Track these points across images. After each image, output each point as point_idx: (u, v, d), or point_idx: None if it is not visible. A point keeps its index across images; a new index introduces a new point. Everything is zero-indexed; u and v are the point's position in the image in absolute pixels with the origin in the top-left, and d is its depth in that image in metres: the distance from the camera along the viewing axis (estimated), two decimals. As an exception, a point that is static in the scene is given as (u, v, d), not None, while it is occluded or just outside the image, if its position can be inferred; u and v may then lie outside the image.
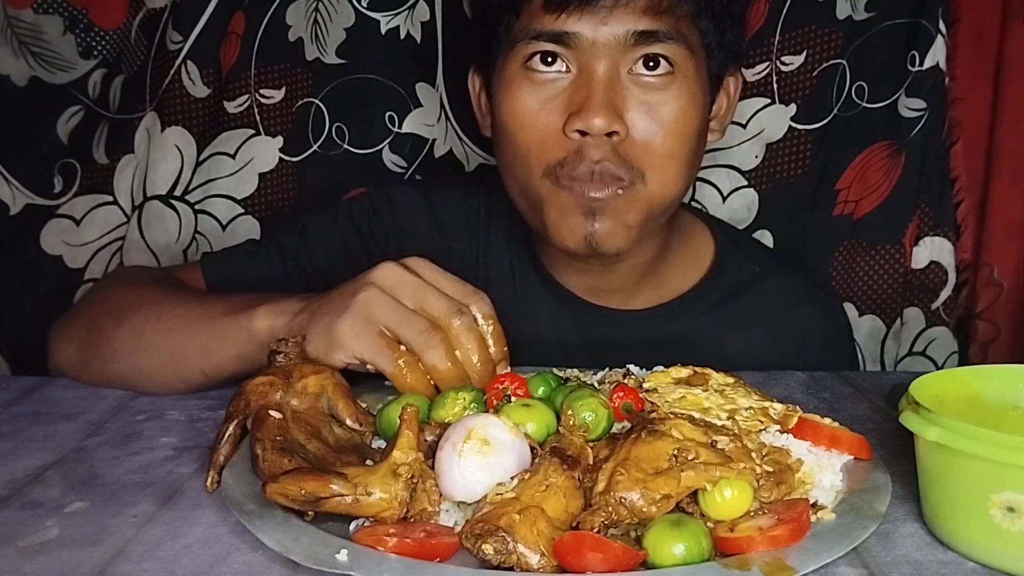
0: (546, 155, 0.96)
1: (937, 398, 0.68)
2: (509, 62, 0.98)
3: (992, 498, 0.60)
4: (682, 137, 0.96)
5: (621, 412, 0.76)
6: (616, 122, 0.92)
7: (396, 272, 0.84)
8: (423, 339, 0.81)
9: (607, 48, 0.93)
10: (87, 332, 1.00)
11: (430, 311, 0.83)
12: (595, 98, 0.92)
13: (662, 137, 0.95)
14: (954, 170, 1.30)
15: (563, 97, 0.95)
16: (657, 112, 0.95)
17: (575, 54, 0.94)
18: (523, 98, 0.96)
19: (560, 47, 0.94)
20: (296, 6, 1.27)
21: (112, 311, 1.00)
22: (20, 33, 1.23)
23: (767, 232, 1.33)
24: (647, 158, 0.95)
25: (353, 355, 0.81)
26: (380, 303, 0.82)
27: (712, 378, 0.79)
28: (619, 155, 0.94)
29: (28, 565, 0.61)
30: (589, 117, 0.92)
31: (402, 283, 0.83)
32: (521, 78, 0.96)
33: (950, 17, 1.26)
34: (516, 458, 0.65)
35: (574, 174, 0.94)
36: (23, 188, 1.26)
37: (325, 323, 0.83)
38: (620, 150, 0.94)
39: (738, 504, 0.62)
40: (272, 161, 1.30)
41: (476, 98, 1.10)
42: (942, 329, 1.34)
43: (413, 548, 0.60)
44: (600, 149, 0.93)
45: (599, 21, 0.92)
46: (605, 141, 0.93)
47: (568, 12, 0.92)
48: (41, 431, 0.85)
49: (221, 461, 0.73)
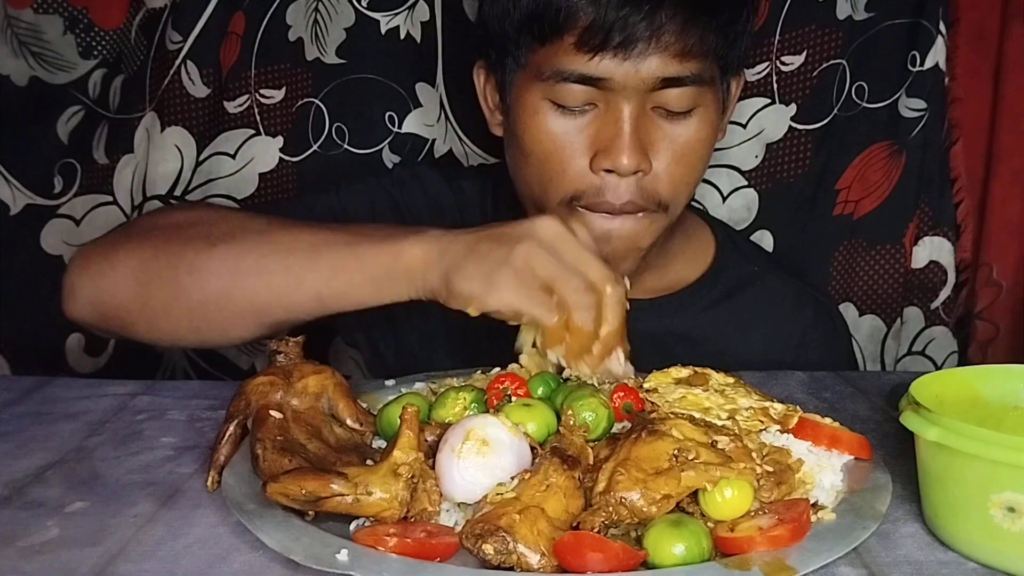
0: (567, 186, 0.97)
1: (937, 398, 0.68)
2: (533, 92, 0.97)
3: (992, 498, 0.60)
4: (702, 162, 0.99)
5: (621, 412, 0.76)
6: (643, 161, 0.94)
7: (557, 227, 0.82)
8: (579, 297, 0.80)
9: (636, 91, 0.93)
10: (156, 254, 0.91)
11: (587, 273, 0.81)
12: (623, 139, 0.93)
13: (684, 168, 0.97)
14: (954, 170, 1.30)
15: (590, 132, 0.95)
16: (680, 145, 0.96)
17: (603, 93, 0.94)
18: (548, 129, 0.96)
19: (590, 88, 0.94)
20: (296, 6, 1.27)
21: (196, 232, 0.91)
22: (20, 33, 1.23)
23: (767, 232, 1.33)
24: (670, 190, 0.97)
25: (509, 303, 0.80)
26: (542, 258, 0.80)
27: (712, 378, 0.79)
28: (642, 189, 0.96)
29: (28, 565, 0.61)
30: (618, 157, 0.93)
31: (562, 239, 0.82)
32: (547, 111, 0.96)
33: (950, 17, 1.26)
34: (515, 458, 0.65)
35: (593, 206, 0.96)
36: (23, 188, 1.26)
37: (486, 266, 0.80)
38: (643, 184, 0.96)
39: (738, 504, 0.62)
40: (272, 161, 1.30)
41: (482, 92, 1.09)
42: (942, 329, 1.34)
43: (413, 548, 0.60)
44: (626, 189, 0.95)
45: (632, 65, 0.92)
46: (630, 180, 0.95)
47: (602, 56, 0.92)
48: (41, 431, 0.85)
49: (222, 461, 0.73)
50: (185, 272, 0.89)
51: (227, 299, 0.88)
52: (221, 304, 0.89)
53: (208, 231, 0.91)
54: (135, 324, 0.92)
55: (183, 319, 0.91)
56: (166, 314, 0.91)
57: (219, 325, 0.91)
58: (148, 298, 0.91)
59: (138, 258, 0.91)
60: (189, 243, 0.90)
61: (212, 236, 0.90)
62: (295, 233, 0.89)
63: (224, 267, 0.88)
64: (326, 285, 0.86)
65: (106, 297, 0.92)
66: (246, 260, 0.88)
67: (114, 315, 0.93)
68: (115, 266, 0.92)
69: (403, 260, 0.84)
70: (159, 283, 0.90)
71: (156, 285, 0.90)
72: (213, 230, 0.91)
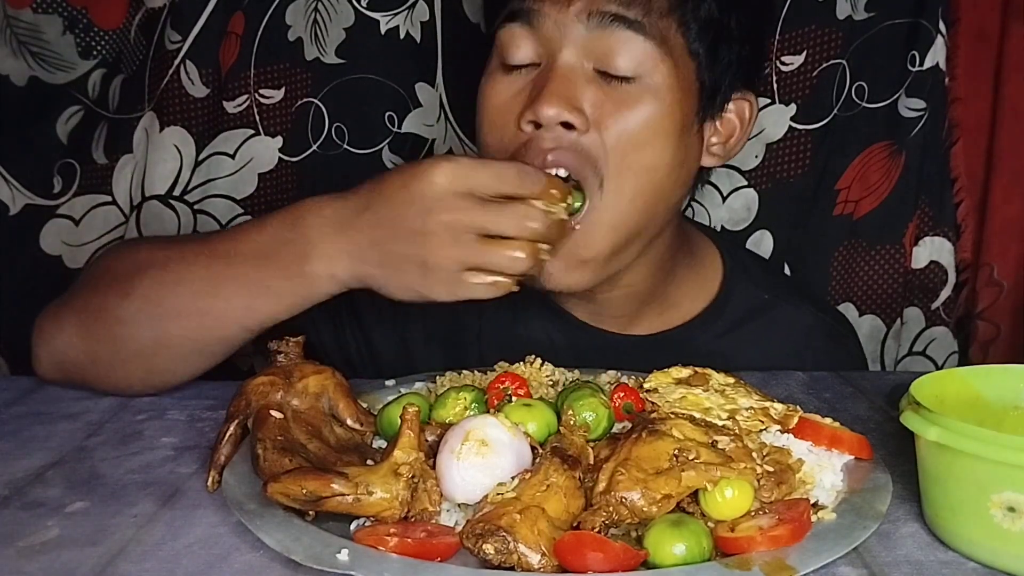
0: (503, 152, 0.90)
1: (937, 398, 0.68)
2: (492, 59, 0.94)
3: (992, 498, 0.60)
4: (646, 147, 0.88)
5: (621, 412, 0.76)
6: (571, 112, 0.85)
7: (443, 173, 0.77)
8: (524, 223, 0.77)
9: (571, 32, 0.87)
10: (89, 312, 0.90)
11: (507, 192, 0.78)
12: (549, 87, 0.86)
13: (629, 143, 0.87)
14: (954, 170, 1.30)
15: (526, 91, 0.89)
16: (620, 113, 0.87)
17: (542, 43, 0.89)
18: (491, 92, 0.92)
19: (525, 28, 0.89)
20: (296, 6, 1.26)
21: (112, 283, 0.90)
22: (19, 33, 1.23)
23: (767, 232, 1.33)
24: (605, 159, 0.87)
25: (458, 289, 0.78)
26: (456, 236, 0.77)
27: (713, 378, 0.79)
28: (576, 151, 0.87)
29: (28, 565, 0.61)
30: (539, 105, 0.85)
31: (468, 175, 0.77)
32: (497, 73, 0.92)
33: (950, 17, 1.26)
34: (515, 458, 0.65)
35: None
36: (22, 188, 1.26)
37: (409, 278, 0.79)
38: (583, 148, 0.87)
39: (739, 504, 0.62)
40: (272, 161, 1.29)
41: None
42: (942, 329, 1.34)
43: (414, 548, 0.60)
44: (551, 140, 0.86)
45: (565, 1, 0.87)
46: (561, 135, 0.86)
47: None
48: (41, 431, 0.85)
49: (222, 461, 0.73)
50: (114, 323, 0.88)
51: (160, 344, 0.87)
52: (158, 349, 0.88)
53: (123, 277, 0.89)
54: (94, 378, 0.92)
55: (131, 367, 0.90)
56: (114, 364, 0.90)
57: (166, 368, 0.90)
58: (93, 353, 0.90)
59: (77, 314, 0.91)
60: (108, 293, 0.89)
61: (125, 282, 0.88)
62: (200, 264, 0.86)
63: (143, 315, 0.87)
64: (246, 317, 0.85)
65: (58, 356, 0.92)
66: (162, 307, 0.86)
67: (73, 371, 0.92)
68: (61, 326, 0.92)
69: (316, 288, 0.82)
70: (97, 337, 0.89)
71: (94, 339, 0.89)
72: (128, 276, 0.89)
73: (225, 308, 0.85)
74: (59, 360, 0.93)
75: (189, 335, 0.87)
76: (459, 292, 0.79)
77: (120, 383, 0.92)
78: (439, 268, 0.77)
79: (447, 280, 0.78)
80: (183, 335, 0.87)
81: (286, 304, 0.84)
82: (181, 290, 0.86)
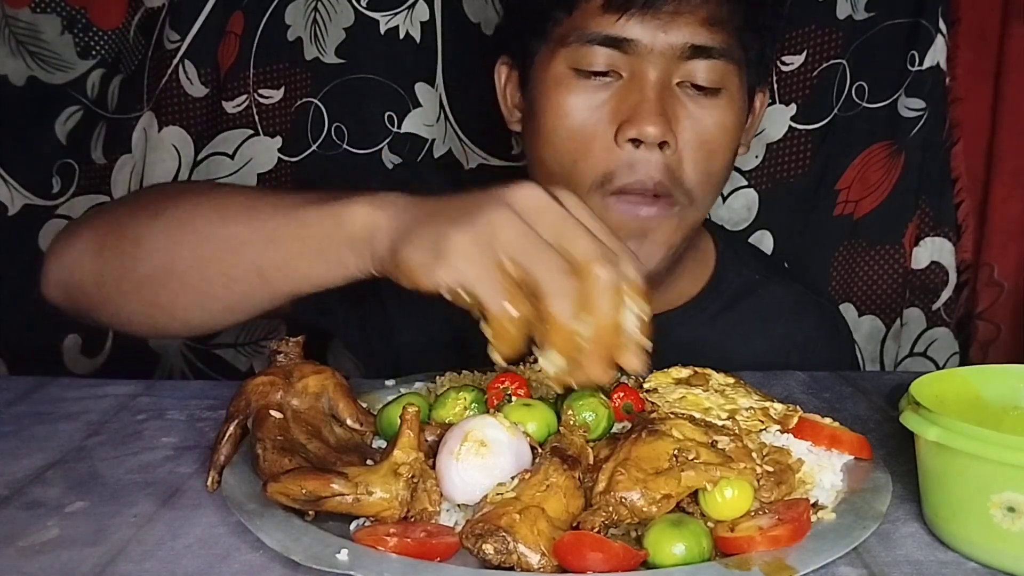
0: (595, 166, 0.93)
1: (937, 398, 0.68)
2: (556, 62, 0.95)
3: (992, 498, 0.60)
4: (725, 154, 0.96)
5: (621, 412, 0.76)
6: (668, 132, 0.90)
7: (538, 196, 0.67)
8: (557, 282, 0.63)
9: (662, 57, 0.91)
10: (110, 228, 0.85)
11: (572, 251, 0.65)
12: (648, 105, 0.90)
13: (706, 155, 0.94)
14: (955, 170, 1.30)
15: (612, 104, 0.92)
16: (704, 127, 0.93)
17: (628, 60, 0.92)
18: (572, 103, 0.93)
19: (615, 51, 0.91)
20: (295, 5, 1.27)
21: (147, 205, 0.85)
22: (18, 33, 1.23)
23: (767, 232, 1.33)
24: (696, 177, 0.94)
25: (457, 278, 0.64)
26: (511, 227, 0.64)
27: (712, 378, 0.79)
28: (672, 175, 0.92)
29: (28, 565, 0.61)
30: (643, 125, 0.89)
31: (544, 210, 0.66)
32: (570, 81, 0.93)
33: (950, 17, 1.26)
34: (515, 457, 0.65)
35: (626, 189, 0.92)
36: (21, 188, 1.26)
37: (437, 231, 0.65)
38: (671, 167, 0.92)
39: (739, 504, 0.62)
40: (271, 161, 1.30)
41: (502, 90, 1.07)
42: (943, 330, 1.34)
43: (413, 548, 0.59)
44: (655, 166, 0.91)
45: (659, 28, 0.90)
46: (658, 156, 0.91)
47: (629, 16, 0.90)
48: (41, 431, 0.85)
49: (222, 461, 0.73)
50: (130, 244, 0.82)
51: (168, 273, 0.81)
52: (165, 279, 0.81)
53: (161, 202, 0.84)
54: (95, 306, 0.87)
55: (133, 298, 0.84)
56: (118, 292, 0.84)
57: (166, 304, 0.83)
58: (102, 276, 0.85)
59: (95, 233, 0.87)
60: (138, 214, 0.84)
61: (160, 206, 0.83)
62: (238, 197, 0.81)
63: (164, 237, 0.81)
64: (263, 255, 0.76)
65: (65, 275, 0.88)
66: (185, 229, 0.80)
67: (78, 295, 0.88)
68: (74, 242, 0.88)
69: (346, 225, 0.71)
70: (110, 256, 0.84)
71: (107, 259, 0.84)
72: (166, 201, 0.84)
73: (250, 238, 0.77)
74: (65, 279, 0.88)
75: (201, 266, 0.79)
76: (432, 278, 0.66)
77: (120, 314, 0.87)
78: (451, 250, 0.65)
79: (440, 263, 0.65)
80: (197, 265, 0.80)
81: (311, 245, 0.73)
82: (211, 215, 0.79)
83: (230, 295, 0.80)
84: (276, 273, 0.76)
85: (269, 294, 0.78)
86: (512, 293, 0.64)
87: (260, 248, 0.76)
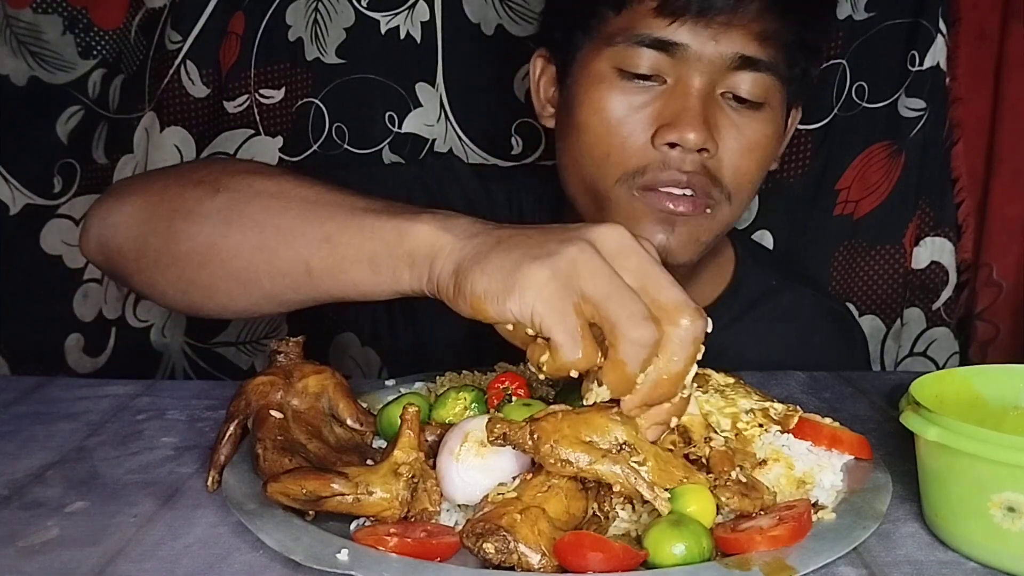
0: (626, 162, 0.92)
1: (937, 398, 0.68)
2: (600, 59, 0.94)
3: (992, 498, 0.60)
4: (763, 165, 0.96)
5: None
6: (709, 139, 0.90)
7: (623, 237, 0.65)
8: (635, 327, 0.61)
9: (710, 65, 0.90)
10: (162, 197, 0.83)
11: (657, 297, 0.63)
12: (691, 112, 0.90)
13: (748, 162, 0.94)
14: (955, 170, 1.30)
15: (655, 107, 0.92)
16: (746, 137, 0.93)
17: (674, 65, 0.91)
18: (612, 101, 0.92)
19: (662, 55, 0.91)
20: (296, 6, 1.27)
21: (205, 179, 0.81)
22: (19, 33, 1.23)
23: (767, 232, 1.33)
24: (735, 180, 0.94)
25: (528, 312, 0.62)
26: (593, 267, 0.62)
27: (712, 378, 0.78)
28: (708, 173, 0.92)
29: (28, 565, 0.61)
30: (684, 130, 0.89)
31: (628, 252, 0.64)
32: (612, 79, 0.93)
33: (950, 17, 1.26)
34: (515, 457, 0.65)
35: (656, 183, 0.92)
36: (23, 188, 1.26)
37: (513, 260, 0.63)
38: (708, 165, 0.92)
39: (702, 513, 0.62)
40: (272, 161, 1.30)
41: (536, 83, 1.05)
42: (943, 330, 1.34)
43: (414, 548, 0.59)
44: (690, 164, 0.91)
45: (710, 36, 0.90)
46: (695, 156, 0.91)
47: (682, 21, 0.89)
48: (41, 431, 0.85)
49: (222, 461, 0.73)
50: (181, 218, 0.80)
51: (211, 252, 0.78)
52: (206, 258, 0.79)
53: (220, 179, 0.81)
54: (131, 273, 0.85)
55: (171, 272, 0.81)
56: (157, 264, 0.82)
57: (204, 284, 0.80)
58: (145, 244, 0.83)
59: (145, 199, 0.84)
60: (195, 187, 0.81)
61: (219, 184, 0.80)
62: (301, 189, 0.77)
63: (217, 215, 0.78)
64: (316, 253, 0.73)
65: (109, 236, 0.85)
66: (239, 210, 0.78)
67: (117, 258, 0.85)
68: (124, 205, 0.85)
69: (408, 241, 0.69)
70: (156, 226, 0.82)
71: (153, 229, 0.82)
72: (225, 178, 0.81)
73: (305, 233, 0.74)
74: (106, 240, 0.86)
75: (246, 250, 0.77)
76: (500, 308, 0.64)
77: (156, 286, 0.84)
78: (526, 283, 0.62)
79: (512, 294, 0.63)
80: (245, 250, 0.77)
81: (367, 251, 0.71)
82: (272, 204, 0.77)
83: (272, 286, 0.77)
84: (325, 274, 0.74)
85: (312, 293, 0.76)
86: (584, 334, 0.62)
87: (314, 246, 0.73)
